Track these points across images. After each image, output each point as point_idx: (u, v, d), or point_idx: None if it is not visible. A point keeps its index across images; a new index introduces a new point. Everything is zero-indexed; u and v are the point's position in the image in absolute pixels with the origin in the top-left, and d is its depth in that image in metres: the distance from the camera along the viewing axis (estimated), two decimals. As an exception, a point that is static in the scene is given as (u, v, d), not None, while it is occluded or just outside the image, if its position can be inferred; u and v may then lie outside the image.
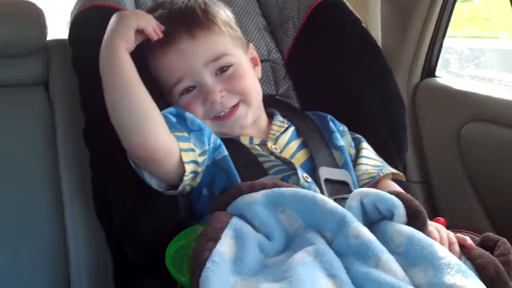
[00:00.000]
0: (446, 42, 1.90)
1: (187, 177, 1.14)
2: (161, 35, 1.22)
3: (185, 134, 1.16)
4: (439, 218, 1.18)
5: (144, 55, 1.26)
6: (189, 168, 1.13)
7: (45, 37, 1.46)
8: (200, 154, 1.16)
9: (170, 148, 1.11)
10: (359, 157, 1.35)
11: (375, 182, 1.30)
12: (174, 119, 1.19)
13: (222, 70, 1.26)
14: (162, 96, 1.28)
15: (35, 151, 1.43)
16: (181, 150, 1.12)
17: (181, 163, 1.12)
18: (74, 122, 1.41)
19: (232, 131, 1.28)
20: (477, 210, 1.75)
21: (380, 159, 1.37)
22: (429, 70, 1.91)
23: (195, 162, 1.15)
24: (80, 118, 1.34)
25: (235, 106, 1.26)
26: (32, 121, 1.44)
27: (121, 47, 1.13)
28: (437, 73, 1.91)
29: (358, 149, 1.37)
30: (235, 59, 1.28)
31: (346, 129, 1.40)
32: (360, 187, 1.28)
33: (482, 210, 1.74)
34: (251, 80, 1.30)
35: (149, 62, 1.27)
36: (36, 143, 1.43)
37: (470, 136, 1.74)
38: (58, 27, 1.67)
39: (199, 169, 1.17)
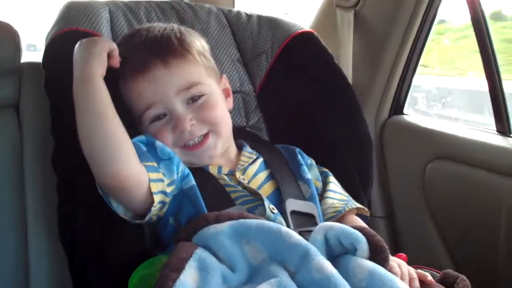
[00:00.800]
0: (415, 80, 1.94)
1: (155, 208, 1.14)
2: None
3: (155, 164, 1.16)
4: (401, 254, 1.20)
5: (116, 82, 1.26)
6: (157, 198, 1.13)
7: (19, 59, 1.45)
8: (169, 184, 1.17)
9: (139, 178, 1.11)
10: (326, 190, 1.37)
11: (340, 217, 1.31)
12: (144, 148, 1.18)
13: (194, 99, 1.26)
14: (133, 123, 1.28)
15: (2, 174, 1.41)
16: (150, 180, 1.12)
17: (150, 193, 1.12)
18: (43, 146, 1.40)
19: (201, 161, 1.28)
20: (438, 246, 1.78)
21: (346, 194, 1.39)
22: (397, 107, 1.95)
23: (163, 192, 1.15)
24: (49, 143, 1.33)
25: (205, 136, 1.27)
26: (0, 144, 1.42)
27: (97, 71, 1.14)
28: (405, 111, 1.95)
29: (325, 182, 1.39)
30: (207, 89, 1.28)
31: (314, 163, 1.42)
32: (326, 220, 1.29)
33: (443, 246, 1.77)
34: (222, 111, 1.31)
35: (121, 88, 1.28)
36: (2, 165, 1.41)
37: (434, 173, 1.77)
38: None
39: (167, 199, 1.17)
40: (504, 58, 1.78)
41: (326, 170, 1.42)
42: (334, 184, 1.39)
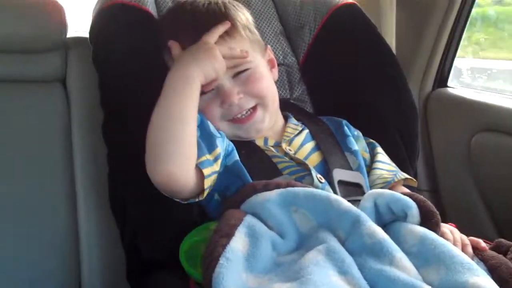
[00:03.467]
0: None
1: (203, 197, 1.15)
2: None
3: (208, 157, 1.15)
4: (451, 224, 1.18)
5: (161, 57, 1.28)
6: (206, 192, 1.13)
7: (65, 34, 1.46)
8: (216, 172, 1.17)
9: (192, 180, 1.12)
10: (374, 161, 1.36)
11: (388, 187, 1.30)
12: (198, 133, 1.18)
13: (240, 73, 1.26)
14: None
15: (51, 147, 1.44)
16: (205, 177, 1.12)
17: (202, 188, 1.13)
18: (91, 119, 1.43)
19: (248, 134, 1.28)
20: (485, 220, 1.76)
21: (394, 165, 1.38)
22: (442, 80, 1.92)
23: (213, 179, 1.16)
24: (97, 116, 1.35)
25: (253, 109, 1.27)
26: (49, 117, 1.45)
27: (198, 82, 1.15)
28: (449, 83, 1.92)
29: (372, 154, 1.38)
30: (252, 63, 1.28)
31: (360, 134, 1.41)
32: None
33: (490, 220, 1.75)
34: (268, 83, 1.31)
35: (166, 60, 1.29)
36: (52, 138, 1.44)
37: (480, 146, 1.75)
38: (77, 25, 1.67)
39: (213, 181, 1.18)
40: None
41: (373, 141, 1.41)
42: (382, 155, 1.38)
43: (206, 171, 1.12)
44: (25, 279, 1.36)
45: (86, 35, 1.43)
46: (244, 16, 1.34)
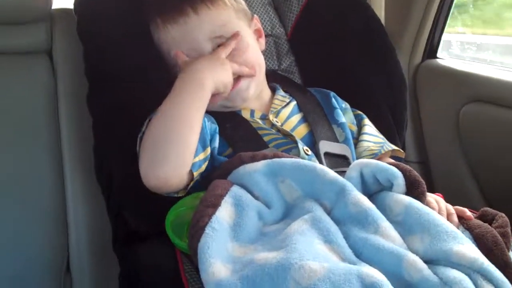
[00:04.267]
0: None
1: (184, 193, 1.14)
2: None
3: (201, 157, 1.14)
4: (438, 194, 1.19)
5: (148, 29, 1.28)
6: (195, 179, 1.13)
7: (50, 5, 1.45)
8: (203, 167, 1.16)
9: (185, 179, 1.11)
10: (361, 133, 1.36)
11: (376, 159, 1.30)
12: None
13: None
14: (168, 67, 1.29)
15: (37, 118, 1.43)
16: (194, 178, 1.12)
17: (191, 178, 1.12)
18: (77, 91, 1.42)
19: (234, 103, 1.28)
20: (474, 191, 1.76)
21: (381, 136, 1.38)
22: (431, 51, 1.90)
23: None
24: (83, 87, 1.34)
25: (237, 79, 1.25)
26: (34, 89, 1.44)
27: (210, 88, 1.15)
28: (438, 54, 1.92)
29: (360, 125, 1.38)
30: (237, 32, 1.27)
31: (348, 106, 1.41)
32: None
33: (479, 191, 1.75)
34: (254, 53, 1.30)
35: (154, 35, 1.29)
36: (38, 109, 1.43)
37: (469, 117, 1.74)
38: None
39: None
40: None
41: (360, 113, 1.41)
42: (369, 127, 1.38)
43: (196, 174, 1.12)
44: (12, 250, 1.37)
45: (72, 6, 1.42)
46: None
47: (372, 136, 1.36)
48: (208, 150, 1.16)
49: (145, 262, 1.11)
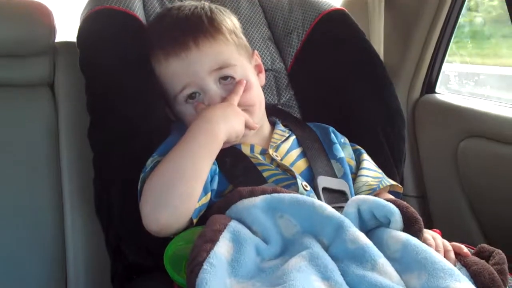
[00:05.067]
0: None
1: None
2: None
3: (202, 202, 1.14)
4: (435, 229, 1.19)
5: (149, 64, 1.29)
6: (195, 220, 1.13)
7: (54, 38, 1.47)
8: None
9: (186, 224, 1.12)
10: (360, 168, 1.36)
11: (374, 194, 1.31)
12: None
13: (225, 78, 1.27)
14: (168, 103, 1.30)
15: (38, 151, 1.44)
16: (193, 223, 1.12)
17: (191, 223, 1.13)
18: (78, 123, 1.43)
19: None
20: (471, 225, 1.77)
21: (380, 171, 1.38)
22: (429, 86, 1.93)
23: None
24: (84, 120, 1.35)
25: None
26: (36, 121, 1.46)
27: (222, 140, 1.16)
28: (437, 89, 1.93)
29: (358, 160, 1.39)
30: (238, 69, 1.28)
31: (347, 141, 1.41)
32: None
33: (477, 226, 1.76)
34: (255, 91, 1.31)
35: (155, 69, 1.30)
36: (39, 142, 1.44)
37: (467, 152, 1.76)
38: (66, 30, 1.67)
39: None
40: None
41: (359, 147, 1.41)
42: (368, 162, 1.38)
43: (196, 220, 1.12)
44: (9, 282, 1.36)
45: (75, 39, 1.42)
46: (231, 21, 1.34)
47: (371, 171, 1.37)
48: (209, 195, 1.16)
49: None
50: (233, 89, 1.25)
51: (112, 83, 1.31)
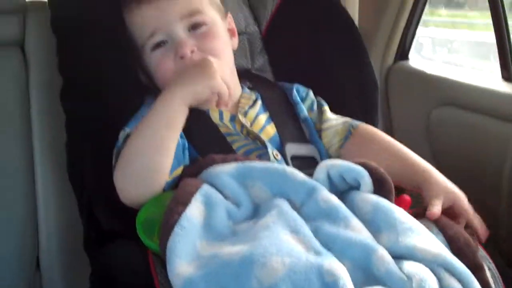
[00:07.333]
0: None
1: None
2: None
3: (175, 173, 1.15)
4: (404, 195, 1.20)
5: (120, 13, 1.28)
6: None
7: None
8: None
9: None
10: (324, 121, 1.35)
11: (352, 139, 1.31)
12: None
13: (195, 27, 1.26)
14: (137, 58, 1.29)
15: (8, 111, 1.42)
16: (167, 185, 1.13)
17: None
18: (49, 85, 1.41)
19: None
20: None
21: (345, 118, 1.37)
22: (403, 53, 1.93)
23: None
24: (56, 82, 1.32)
25: None
26: (6, 82, 1.43)
27: (182, 109, 1.15)
28: (410, 56, 1.94)
29: (320, 111, 1.37)
30: (209, 19, 1.28)
31: (310, 93, 1.40)
32: (335, 151, 1.31)
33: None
34: (225, 45, 1.30)
35: (126, 20, 1.28)
36: (9, 103, 1.42)
37: (438, 120, 1.77)
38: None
39: None
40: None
41: (321, 100, 1.40)
42: (330, 112, 1.38)
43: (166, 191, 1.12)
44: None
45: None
46: None
47: (335, 120, 1.36)
48: (182, 168, 1.16)
49: (116, 263, 1.11)
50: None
51: (84, 47, 1.29)
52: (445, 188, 1.18)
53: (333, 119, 1.35)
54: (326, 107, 1.38)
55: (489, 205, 1.60)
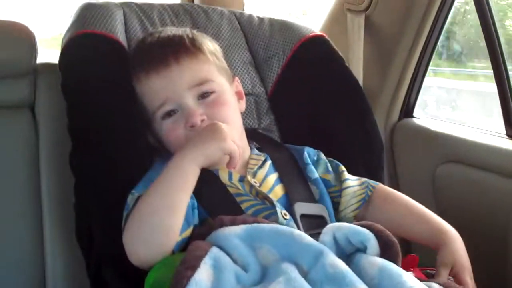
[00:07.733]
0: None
1: None
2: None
3: (184, 235, 1.14)
4: (412, 255, 1.20)
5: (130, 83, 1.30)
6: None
7: (35, 60, 1.46)
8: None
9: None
10: (343, 180, 1.36)
11: (369, 201, 1.33)
12: None
13: (205, 95, 1.28)
14: (148, 124, 1.30)
15: (18, 174, 1.43)
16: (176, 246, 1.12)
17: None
18: (58, 147, 1.42)
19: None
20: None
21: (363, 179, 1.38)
22: (407, 110, 1.95)
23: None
24: (65, 144, 1.33)
25: None
26: (16, 144, 1.44)
27: (193, 170, 1.15)
28: (415, 113, 1.96)
29: (338, 171, 1.38)
30: (218, 86, 1.30)
31: (321, 155, 1.41)
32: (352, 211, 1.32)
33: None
34: (233, 111, 1.32)
35: (135, 89, 1.30)
36: (19, 166, 1.43)
37: (444, 177, 1.77)
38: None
39: None
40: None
41: (335, 161, 1.41)
42: (347, 173, 1.38)
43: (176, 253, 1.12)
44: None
45: (56, 61, 1.42)
46: (212, 44, 1.37)
47: (353, 180, 1.37)
48: (192, 228, 1.16)
49: None
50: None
51: (94, 108, 1.31)
52: (455, 261, 1.22)
53: (351, 180, 1.37)
54: (343, 167, 1.39)
55: (495, 263, 1.60)
